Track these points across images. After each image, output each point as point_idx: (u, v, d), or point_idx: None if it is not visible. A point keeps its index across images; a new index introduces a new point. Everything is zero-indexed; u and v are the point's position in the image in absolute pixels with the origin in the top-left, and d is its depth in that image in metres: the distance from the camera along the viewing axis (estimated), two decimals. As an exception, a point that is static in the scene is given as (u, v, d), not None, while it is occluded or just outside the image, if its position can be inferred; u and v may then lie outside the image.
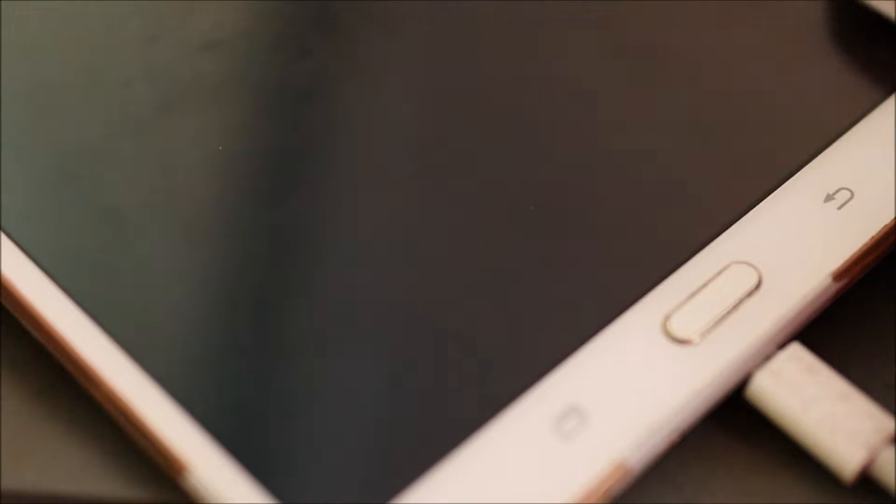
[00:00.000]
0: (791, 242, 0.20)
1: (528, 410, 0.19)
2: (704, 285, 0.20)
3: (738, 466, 0.20)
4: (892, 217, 0.21)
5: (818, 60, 0.23)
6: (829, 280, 0.20)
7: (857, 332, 0.21)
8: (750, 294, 0.20)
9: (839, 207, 0.21)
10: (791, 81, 0.22)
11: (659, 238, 0.21)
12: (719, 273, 0.20)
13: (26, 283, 0.20)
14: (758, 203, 0.21)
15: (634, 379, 0.19)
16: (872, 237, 0.20)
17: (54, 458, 0.20)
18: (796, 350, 0.20)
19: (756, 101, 0.22)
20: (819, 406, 0.19)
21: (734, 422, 0.20)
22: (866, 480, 0.19)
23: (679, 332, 0.20)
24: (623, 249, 0.20)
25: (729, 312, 0.20)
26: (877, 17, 0.23)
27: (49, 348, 0.20)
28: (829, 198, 0.21)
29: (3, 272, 0.20)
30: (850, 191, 0.21)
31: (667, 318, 0.20)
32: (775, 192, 0.21)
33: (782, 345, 0.20)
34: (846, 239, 0.20)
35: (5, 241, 0.20)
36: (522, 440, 0.19)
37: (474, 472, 0.18)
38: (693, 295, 0.20)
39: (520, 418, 0.19)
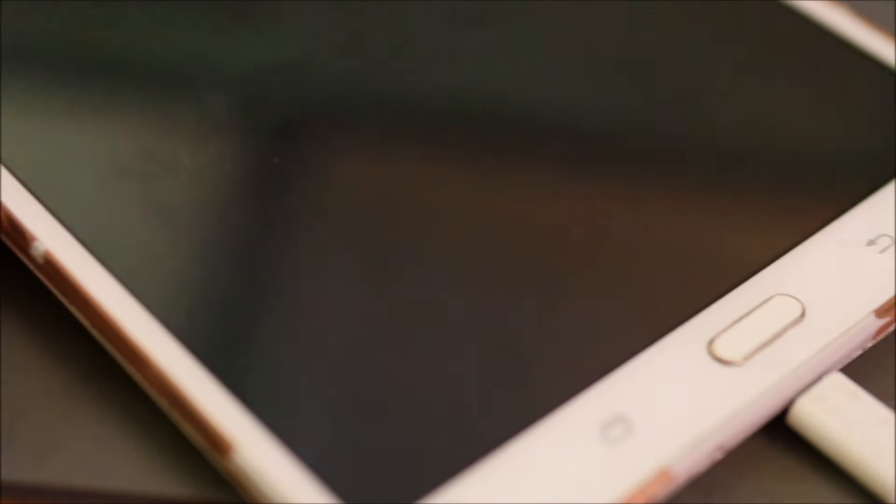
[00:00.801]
0: (834, 279, 0.21)
1: (575, 415, 0.19)
2: (749, 313, 0.20)
3: (765, 472, 0.20)
4: (934, 263, 0.21)
5: (865, 119, 0.23)
6: (872, 316, 0.20)
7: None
8: (793, 324, 0.20)
9: (881, 251, 0.21)
10: (841, 135, 0.23)
11: (708, 267, 0.21)
12: (764, 303, 0.20)
13: (79, 267, 0.20)
14: (804, 241, 0.21)
15: (678, 394, 0.19)
16: (915, 280, 0.21)
17: (82, 452, 0.20)
18: (838, 378, 0.20)
19: (810, 151, 0.23)
20: (862, 430, 0.19)
21: (763, 428, 0.20)
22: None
23: (723, 353, 0.20)
24: (674, 275, 0.21)
25: (772, 340, 0.20)
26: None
27: (97, 333, 0.20)
28: (871, 242, 0.21)
29: (58, 259, 0.20)
30: (891, 237, 0.21)
31: (712, 340, 0.20)
32: (820, 232, 0.21)
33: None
34: (888, 279, 0.21)
35: (59, 228, 0.21)
36: (568, 443, 0.19)
37: (519, 470, 0.18)
38: (738, 321, 0.20)
39: (567, 422, 0.19)
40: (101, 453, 0.19)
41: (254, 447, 0.19)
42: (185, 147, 0.22)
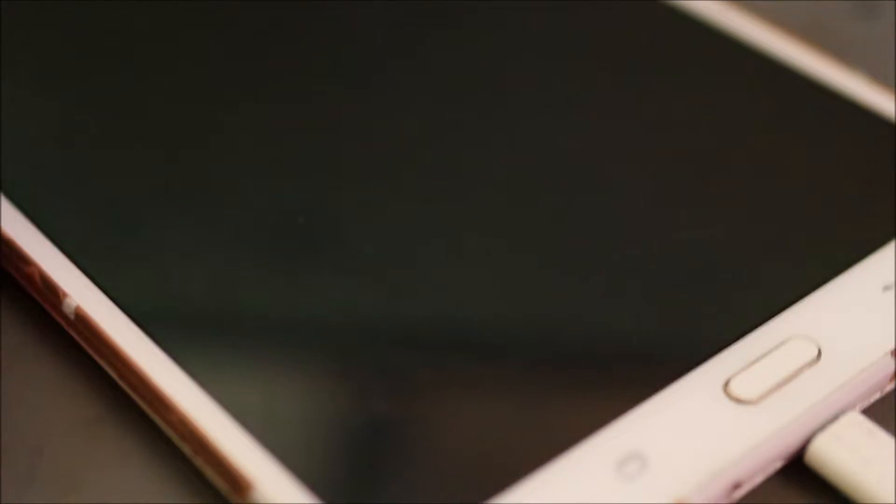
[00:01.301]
0: (851, 323, 0.21)
1: (591, 452, 0.19)
2: (765, 355, 0.21)
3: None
4: (950, 306, 0.21)
5: (880, 170, 0.24)
6: (889, 357, 0.21)
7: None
8: (809, 365, 0.20)
9: (898, 297, 0.22)
10: (860, 186, 0.24)
11: (726, 313, 0.21)
12: (780, 345, 0.21)
13: (105, 319, 0.21)
14: (821, 287, 0.22)
15: (694, 431, 0.20)
16: (931, 323, 0.21)
17: (103, 489, 0.20)
18: (855, 416, 0.20)
19: (829, 200, 0.23)
20: (880, 467, 0.19)
21: (780, 470, 0.20)
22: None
23: (738, 392, 0.20)
24: (691, 320, 0.21)
25: (788, 379, 0.20)
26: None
27: (119, 378, 0.21)
28: (887, 288, 0.22)
29: (83, 309, 0.21)
30: (907, 284, 0.22)
31: (728, 380, 0.20)
32: (837, 278, 0.22)
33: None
34: (905, 322, 0.21)
35: (85, 281, 0.21)
36: (584, 479, 0.19)
37: (535, 505, 0.19)
38: (754, 362, 0.20)
39: (583, 459, 0.19)
40: (121, 491, 0.20)
41: (273, 485, 0.19)
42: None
